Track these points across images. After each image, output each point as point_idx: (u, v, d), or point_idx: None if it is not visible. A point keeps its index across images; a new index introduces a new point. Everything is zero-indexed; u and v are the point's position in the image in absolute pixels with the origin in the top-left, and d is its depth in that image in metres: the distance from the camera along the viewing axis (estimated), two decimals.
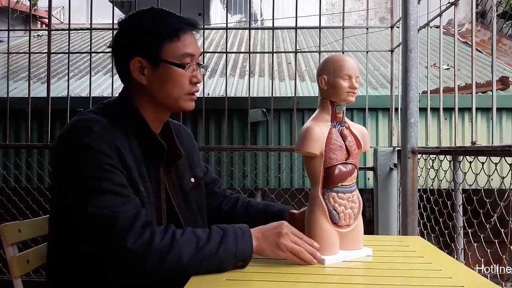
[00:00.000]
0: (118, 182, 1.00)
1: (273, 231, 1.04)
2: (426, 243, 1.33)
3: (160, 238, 0.96)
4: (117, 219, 0.95)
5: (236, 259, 0.99)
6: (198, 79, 1.16)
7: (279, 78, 4.27)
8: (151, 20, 1.13)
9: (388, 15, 3.18)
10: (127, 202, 0.99)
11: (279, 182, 3.09)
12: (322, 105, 1.11)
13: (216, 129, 3.19)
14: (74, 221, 0.99)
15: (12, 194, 2.93)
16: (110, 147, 1.01)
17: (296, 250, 1.02)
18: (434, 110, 2.34)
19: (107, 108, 1.15)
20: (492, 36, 1.59)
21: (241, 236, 1.01)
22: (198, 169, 1.34)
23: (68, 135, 1.05)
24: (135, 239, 0.94)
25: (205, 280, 0.93)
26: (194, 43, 1.15)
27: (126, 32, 1.15)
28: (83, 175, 0.99)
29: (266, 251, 1.03)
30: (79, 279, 1.07)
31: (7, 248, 1.17)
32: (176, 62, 1.11)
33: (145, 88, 1.13)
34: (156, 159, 1.14)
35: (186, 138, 1.35)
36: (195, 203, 1.27)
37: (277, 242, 1.02)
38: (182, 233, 0.98)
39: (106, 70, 4.56)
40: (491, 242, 1.61)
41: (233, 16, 11.34)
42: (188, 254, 0.95)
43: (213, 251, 0.97)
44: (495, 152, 1.45)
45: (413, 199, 2.04)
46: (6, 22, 2.92)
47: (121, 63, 1.15)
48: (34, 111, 2.84)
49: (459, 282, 0.93)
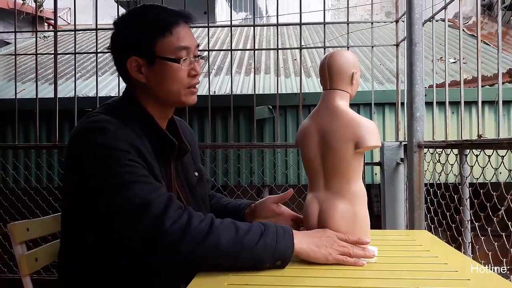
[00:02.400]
0: (142, 174, 1.00)
1: (321, 234, 1.03)
2: (433, 237, 1.33)
3: (198, 221, 0.95)
4: (151, 204, 0.95)
5: (274, 256, 0.96)
6: (196, 72, 1.14)
7: (284, 74, 4.27)
8: (142, 17, 1.12)
9: (394, 9, 3.16)
10: (157, 189, 0.99)
11: (286, 179, 3.09)
12: (347, 100, 1.10)
13: (223, 126, 3.20)
14: (103, 218, 0.99)
15: (22, 194, 2.97)
16: (128, 144, 1.02)
17: (347, 252, 1.01)
18: (441, 104, 2.33)
19: (113, 108, 1.15)
20: (498, 28, 1.58)
21: (282, 234, 0.98)
22: (199, 163, 1.36)
23: (83, 137, 1.04)
24: (172, 221, 0.93)
25: (210, 276, 0.94)
26: (188, 36, 1.13)
27: (119, 32, 1.15)
28: (107, 173, 0.98)
29: (318, 257, 1.00)
30: (93, 276, 1.08)
31: (15, 247, 1.19)
32: (170, 57, 1.10)
33: (145, 86, 1.13)
34: (167, 155, 1.15)
35: (187, 133, 1.36)
36: (200, 196, 1.28)
37: (326, 245, 1.00)
38: (222, 221, 0.97)
39: (112, 70, 4.58)
40: (498, 236, 1.60)
41: (238, 13, 11.34)
42: (227, 241, 0.93)
43: (252, 243, 0.94)
44: (502, 145, 1.44)
45: (419, 193, 2.03)
46: (13, 23, 2.95)
47: (119, 63, 1.16)
48: (42, 112, 2.86)
49: (465, 275, 0.93)
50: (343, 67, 1.08)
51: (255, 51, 2.86)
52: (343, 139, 1.04)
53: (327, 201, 1.07)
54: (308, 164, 1.12)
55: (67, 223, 1.13)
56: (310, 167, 1.11)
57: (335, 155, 1.05)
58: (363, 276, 0.96)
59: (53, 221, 1.37)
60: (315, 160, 1.09)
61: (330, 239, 1.02)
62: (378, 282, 0.93)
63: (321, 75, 1.11)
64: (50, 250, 1.31)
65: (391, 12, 9.88)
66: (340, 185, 1.06)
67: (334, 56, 1.09)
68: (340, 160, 1.05)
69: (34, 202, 2.92)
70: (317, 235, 1.03)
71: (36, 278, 2.76)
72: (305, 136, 1.11)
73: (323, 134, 1.07)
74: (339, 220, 1.05)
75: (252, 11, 10.03)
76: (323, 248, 1.00)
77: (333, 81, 1.09)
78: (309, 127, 1.11)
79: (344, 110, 1.06)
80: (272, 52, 5.09)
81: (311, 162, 1.10)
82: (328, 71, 1.09)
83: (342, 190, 1.06)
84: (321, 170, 1.09)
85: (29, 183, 3.15)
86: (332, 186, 1.07)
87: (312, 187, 1.12)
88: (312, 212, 1.09)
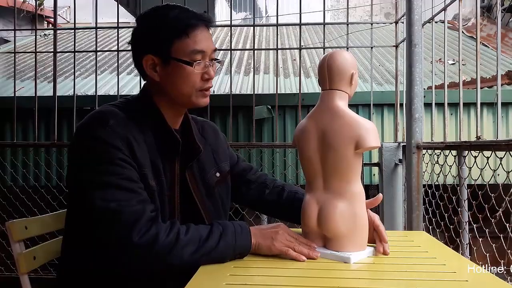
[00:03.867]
0: (127, 176, 1.02)
1: (271, 229, 1.09)
2: (431, 238, 1.33)
3: (165, 235, 0.98)
4: (122, 213, 0.97)
5: (235, 252, 1.03)
6: (210, 75, 1.15)
7: (284, 74, 4.27)
8: (162, 17, 1.13)
9: (394, 10, 3.16)
10: (134, 197, 1.01)
11: (284, 178, 3.09)
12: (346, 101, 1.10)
13: (222, 126, 3.20)
14: (86, 211, 1.02)
15: (20, 192, 2.96)
16: (123, 141, 1.03)
17: (291, 246, 1.06)
18: (440, 105, 2.34)
19: (128, 102, 1.18)
20: (497, 30, 1.59)
21: (240, 233, 1.05)
22: (223, 163, 1.34)
23: (85, 126, 1.07)
24: (141, 235, 0.96)
25: (209, 276, 0.94)
26: (205, 39, 1.14)
27: (139, 29, 1.17)
28: (95, 168, 1.01)
29: (262, 247, 1.06)
30: (92, 272, 1.09)
31: (14, 245, 1.19)
32: (185, 60, 1.11)
33: (159, 84, 1.15)
34: (172, 153, 1.16)
35: (210, 133, 1.36)
36: (220, 197, 1.28)
37: (273, 238, 1.06)
38: (187, 231, 1.01)
39: (112, 68, 4.58)
40: (496, 237, 1.60)
41: (238, 13, 11.34)
42: (190, 251, 0.99)
43: (213, 246, 1.00)
44: (500, 146, 1.44)
45: (418, 194, 2.04)
46: (13, 21, 2.95)
47: (136, 59, 1.17)
48: (41, 110, 2.86)
49: (462, 276, 0.93)
50: (343, 68, 1.08)
51: (254, 51, 2.86)
52: (344, 140, 1.04)
53: (327, 202, 1.07)
54: (306, 164, 1.12)
55: (68, 216, 1.16)
56: (309, 166, 1.11)
57: (335, 155, 1.05)
58: (361, 276, 0.96)
59: (51, 219, 1.37)
60: (314, 160, 1.09)
61: (276, 232, 1.08)
62: (375, 283, 0.93)
63: (320, 75, 1.11)
64: (49, 249, 1.31)
65: (390, 13, 9.89)
66: (340, 185, 1.06)
67: (334, 57, 1.08)
68: (340, 160, 1.05)
69: (32, 200, 2.91)
70: (268, 229, 1.09)
71: (34, 277, 2.76)
72: (304, 135, 1.11)
73: (323, 134, 1.07)
74: (339, 220, 1.05)
75: (252, 11, 10.02)
76: (268, 240, 1.06)
77: (333, 82, 1.09)
78: (308, 126, 1.11)
79: (344, 111, 1.06)
80: (272, 52, 5.09)
81: (310, 162, 1.10)
82: (328, 71, 1.08)
83: (342, 190, 1.06)
84: (320, 170, 1.09)
85: (27, 181, 3.15)
86: (332, 186, 1.07)
87: (310, 188, 1.12)
88: (311, 213, 1.09)
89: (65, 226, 1.18)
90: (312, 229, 1.10)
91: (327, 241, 1.09)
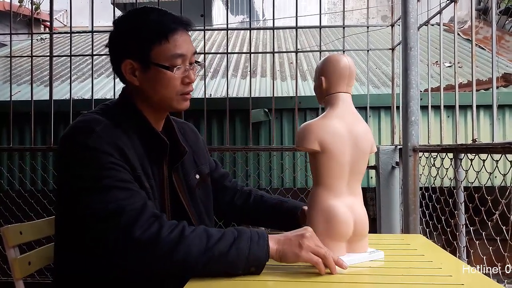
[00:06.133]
0: (122, 178, 1.00)
1: (296, 233, 0.99)
2: (427, 241, 1.33)
3: (168, 231, 0.94)
4: (123, 211, 0.95)
5: (248, 263, 0.93)
6: (190, 79, 1.14)
7: (281, 78, 4.27)
8: (140, 21, 1.12)
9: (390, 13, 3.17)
10: (133, 196, 0.99)
11: (282, 182, 3.08)
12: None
13: (219, 129, 3.19)
14: (80, 221, 0.99)
15: (16, 197, 2.95)
16: (111, 146, 1.02)
17: (321, 253, 0.95)
18: (437, 108, 2.34)
19: (109, 108, 1.16)
20: (492, 32, 1.59)
21: (256, 240, 0.95)
22: (203, 165, 1.33)
23: (70, 136, 1.05)
24: (142, 230, 0.93)
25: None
26: (185, 43, 1.12)
27: (117, 33, 1.15)
28: (86, 175, 0.99)
29: (288, 254, 0.96)
30: (86, 277, 1.08)
31: (8, 250, 1.18)
32: (165, 65, 1.10)
33: (139, 88, 1.14)
34: (159, 155, 1.15)
35: (190, 135, 1.36)
36: (201, 200, 1.27)
37: (300, 243, 0.96)
38: (193, 230, 0.96)
39: (108, 72, 4.57)
40: (493, 240, 1.60)
41: (235, 16, 11.35)
42: (197, 251, 0.92)
43: (223, 251, 0.93)
44: (496, 149, 1.44)
45: (414, 197, 2.04)
46: (9, 26, 2.94)
47: (115, 63, 1.15)
48: (38, 114, 2.85)
49: (458, 280, 0.93)
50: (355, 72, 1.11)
51: (251, 54, 2.86)
52: (368, 144, 1.09)
53: (355, 206, 1.08)
54: (335, 167, 1.05)
55: (57, 223, 1.14)
56: (337, 171, 1.06)
57: (365, 159, 1.09)
58: (358, 280, 0.96)
59: (46, 224, 1.36)
60: (344, 164, 1.05)
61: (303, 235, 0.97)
62: (372, 286, 0.93)
63: (338, 77, 1.08)
64: (44, 254, 1.30)
65: (387, 16, 9.91)
66: (359, 188, 1.11)
67: (350, 60, 1.09)
68: (365, 165, 1.10)
69: (28, 205, 2.90)
70: (297, 233, 0.99)
71: (31, 282, 2.75)
72: (338, 139, 1.05)
73: (355, 138, 1.07)
74: (367, 222, 1.09)
75: (249, 14, 10.04)
76: (295, 247, 0.96)
77: (350, 85, 1.10)
78: (340, 129, 1.06)
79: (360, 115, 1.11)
80: (268, 55, 5.09)
81: (341, 166, 1.05)
82: (349, 75, 1.08)
83: (358, 191, 1.10)
84: (346, 174, 1.07)
85: (23, 185, 3.13)
86: (354, 190, 1.10)
87: (332, 192, 1.06)
88: (347, 219, 1.05)
89: (56, 232, 1.16)
90: (347, 235, 1.05)
91: (349, 246, 1.08)
